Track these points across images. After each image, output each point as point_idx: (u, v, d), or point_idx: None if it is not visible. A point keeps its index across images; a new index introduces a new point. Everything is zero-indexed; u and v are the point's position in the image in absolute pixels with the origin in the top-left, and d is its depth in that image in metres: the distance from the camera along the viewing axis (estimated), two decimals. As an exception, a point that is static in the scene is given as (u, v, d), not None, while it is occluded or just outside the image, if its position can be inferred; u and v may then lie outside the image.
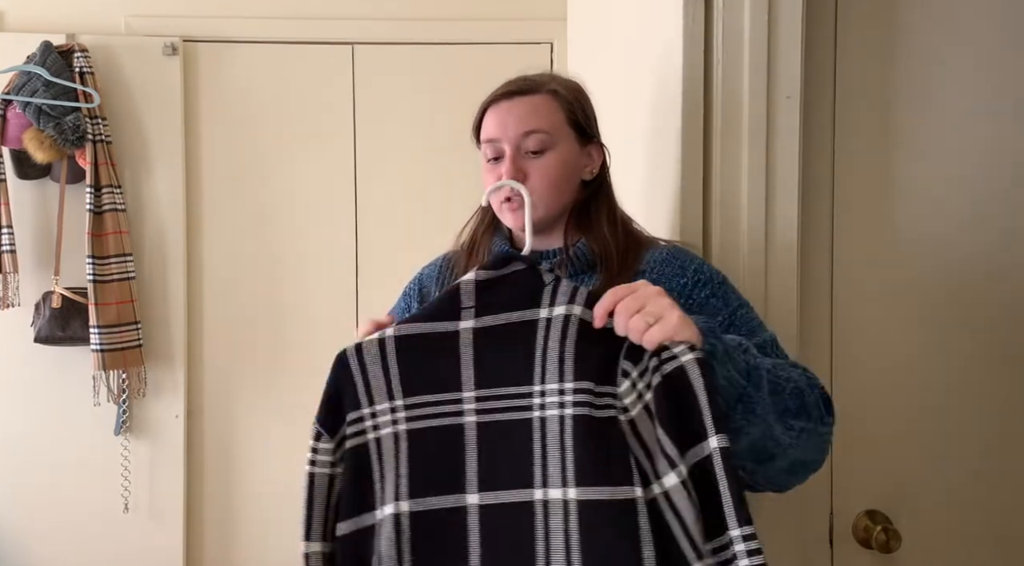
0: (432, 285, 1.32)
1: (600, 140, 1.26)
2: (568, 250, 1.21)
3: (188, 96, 2.70)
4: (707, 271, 1.18)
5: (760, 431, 0.97)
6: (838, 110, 1.38)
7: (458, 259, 1.31)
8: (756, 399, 0.95)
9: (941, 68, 1.39)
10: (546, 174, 1.19)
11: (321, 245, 2.77)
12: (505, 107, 1.21)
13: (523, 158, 1.20)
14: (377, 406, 1.01)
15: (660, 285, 1.00)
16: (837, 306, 1.39)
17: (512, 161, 1.19)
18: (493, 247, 1.26)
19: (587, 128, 1.24)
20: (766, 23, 1.29)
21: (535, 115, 1.19)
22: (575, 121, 1.22)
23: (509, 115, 1.20)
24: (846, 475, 1.39)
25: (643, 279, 1.10)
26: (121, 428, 2.64)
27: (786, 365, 1.05)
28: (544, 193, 1.19)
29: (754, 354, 0.98)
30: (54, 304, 2.53)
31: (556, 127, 1.20)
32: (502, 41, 2.72)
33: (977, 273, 1.40)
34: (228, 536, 2.76)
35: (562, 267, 1.20)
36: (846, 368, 1.39)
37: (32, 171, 2.57)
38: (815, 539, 1.38)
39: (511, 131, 1.19)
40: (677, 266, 1.18)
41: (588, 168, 1.24)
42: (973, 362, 1.40)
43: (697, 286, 1.16)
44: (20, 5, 2.63)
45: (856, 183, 1.38)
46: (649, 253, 1.21)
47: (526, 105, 1.20)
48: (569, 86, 1.25)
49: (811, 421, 1.01)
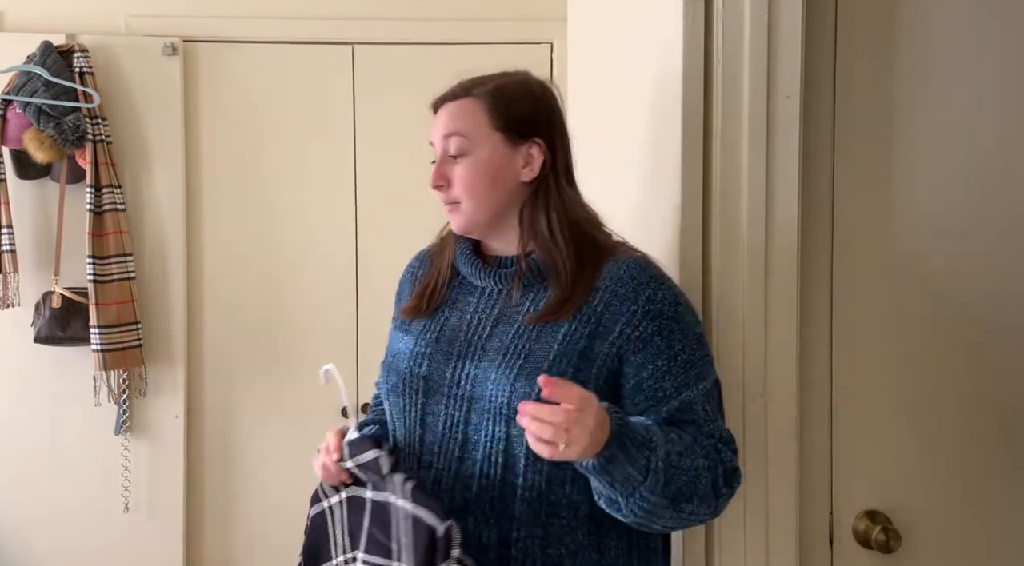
0: (408, 284, 1.36)
1: (542, 138, 1.22)
2: (522, 262, 1.21)
3: (188, 96, 2.70)
4: (660, 301, 1.15)
5: (649, 516, 1.06)
6: (838, 110, 1.38)
7: (434, 253, 1.34)
8: (646, 493, 1.03)
9: (941, 68, 1.39)
10: (463, 179, 1.21)
11: (321, 245, 2.76)
12: (438, 113, 1.25)
13: (447, 163, 1.22)
14: None
15: (612, 307, 1.15)
16: (837, 306, 1.39)
17: (437, 166, 1.23)
18: (457, 247, 1.28)
19: (520, 127, 1.21)
20: (766, 23, 1.29)
21: (453, 119, 1.22)
22: (503, 122, 1.21)
23: (437, 120, 1.24)
24: (846, 475, 1.39)
25: (599, 295, 1.15)
26: (121, 428, 2.64)
27: (692, 445, 1.09)
28: (464, 198, 1.21)
29: (659, 450, 1.04)
30: (54, 304, 2.53)
31: (475, 130, 1.21)
32: (502, 41, 2.72)
33: (979, 271, 1.40)
34: (228, 536, 2.76)
35: (515, 278, 1.21)
36: (846, 368, 1.39)
37: (32, 171, 2.57)
38: (815, 539, 1.38)
39: (436, 136, 1.24)
40: (631, 288, 1.15)
41: (527, 168, 1.22)
42: (974, 362, 1.40)
43: (646, 318, 1.14)
44: (20, 5, 2.63)
45: (856, 183, 1.38)
46: (609, 265, 1.18)
47: (449, 110, 1.23)
48: (500, 87, 1.23)
49: (703, 503, 1.09)
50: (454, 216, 1.23)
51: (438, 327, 1.24)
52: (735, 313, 1.32)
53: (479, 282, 1.25)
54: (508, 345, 1.17)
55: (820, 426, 1.38)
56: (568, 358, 1.13)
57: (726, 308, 1.32)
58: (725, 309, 1.32)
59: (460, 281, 1.27)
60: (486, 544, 1.14)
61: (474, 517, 1.14)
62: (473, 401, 1.16)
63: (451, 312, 1.25)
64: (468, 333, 1.21)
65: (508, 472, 1.14)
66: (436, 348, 1.22)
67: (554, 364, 1.13)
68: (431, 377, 1.21)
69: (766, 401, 1.31)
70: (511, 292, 1.21)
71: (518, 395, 1.12)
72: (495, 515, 1.14)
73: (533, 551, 1.13)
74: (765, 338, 1.31)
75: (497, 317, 1.20)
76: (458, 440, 1.17)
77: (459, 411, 1.17)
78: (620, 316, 1.14)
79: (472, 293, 1.25)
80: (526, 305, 1.19)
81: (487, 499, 1.14)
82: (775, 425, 1.32)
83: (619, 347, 1.14)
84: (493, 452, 1.14)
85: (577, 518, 1.15)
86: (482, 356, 1.18)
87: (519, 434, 1.08)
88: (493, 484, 1.14)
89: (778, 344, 1.32)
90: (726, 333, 1.32)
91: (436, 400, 1.20)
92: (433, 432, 1.19)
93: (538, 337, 1.16)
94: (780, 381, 1.32)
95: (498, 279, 1.23)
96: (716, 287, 1.33)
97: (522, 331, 1.17)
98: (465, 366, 1.18)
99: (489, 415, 1.14)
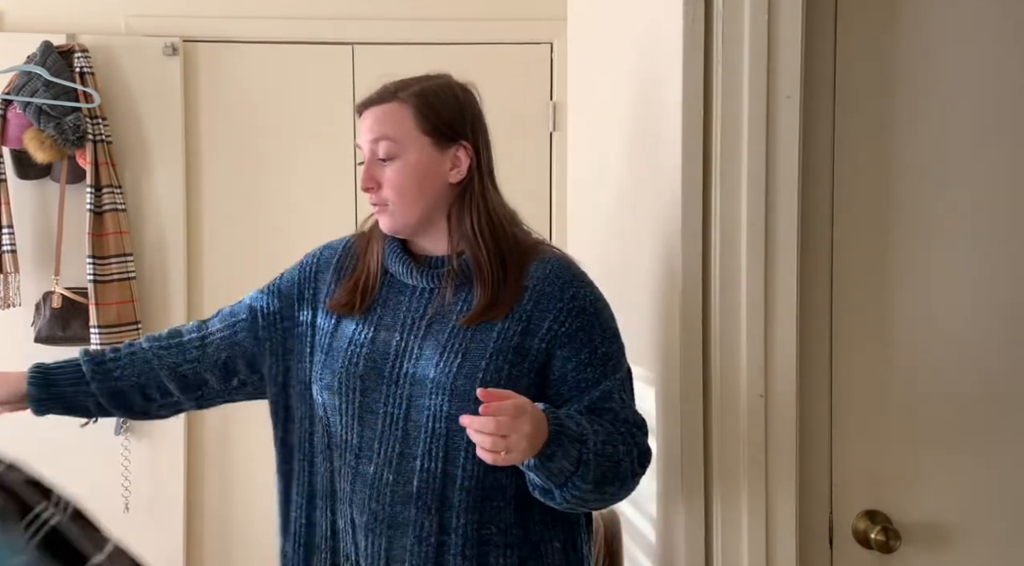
0: (328, 269, 1.36)
1: (468, 141, 1.25)
2: (454, 261, 1.24)
3: (188, 96, 2.70)
4: (581, 299, 1.23)
5: (579, 501, 1.15)
6: (838, 110, 1.38)
7: (359, 246, 1.36)
8: (578, 482, 1.12)
9: (941, 67, 1.39)
10: (392, 182, 1.24)
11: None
12: (364, 117, 1.27)
13: (376, 165, 1.25)
14: None
15: (540, 306, 1.21)
16: (837, 306, 1.39)
17: (366, 168, 1.25)
18: (386, 245, 1.30)
19: (447, 130, 1.24)
20: (766, 23, 1.29)
21: (381, 123, 1.24)
22: (431, 126, 1.24)
23: (363, 123, 1.27)
24: (846, 475, 1.39)
25: (528, 295, 1.21)
26: (121, 428, 2.64)
27: (613, 433, 1.17)
28: (394, 200, 1.24)
29: (589, 442, 1.12)
30: (54, 304, 2.53)
31: (403, 134, 1.23)
32: (502, 41, 2.72)
33: (979, 271, 1.40)
34: (228, 536, 2.76)
35: (448, 278, 1.24)
36: (846, 368, 1.39)
37: (32, 171, 2.57)
38: (815, 539, 1.39)
39: (364, 139, 1.26)
40: (557, 287, 1.23)
41: (454, 170, 1.25)
42: (974, 362, 1.40)
43: (570, 315, 1.22)
44: (20, 5, 2.63)
45: (856, 182, 1.38)
46: (535, 265, 1.24)
47: (376, 114, 1.25)
48: (426, 90, 1.26)
49: (624, 486, 1.19)
50: (383, 217, 1.26)
51: (372, 326, 1.26)
52: (735, 313, 1.32)
53: (410, 281, 1.27)
54: (445, 344, 1.21)
55: (820, 426, 1.38)
56: (504, 355, 1.20)
57: (726, 308, 1.32)
58: (725, 309, 1.32)
59: (390, 279, 1.29)
60: (427, 531, 1.20)
61: (416, 507, 1.20)
62: (412, 399, 1.21)
63: (383, 311, 1.27)
64: (403, 333, 1.24)
65: (449, 464, 1.19)
66: (372, 348, 1.25)
67: (491, 361, 1.19)
68: (368, 376, 1.24)
69: (766, 401, 1.31)
70: (443, 292, 1.24)
71: (459, 392, 1.18)
72: (436, 504, 1.20)
73: (470, 534, 1.20)
74: (765, 338, 1.31)
75: (431, 317, 1.24)
76: (398, 436, 1.21)
77: (398, 409, 1.22)
78: (548, 313, 1.21)
79: (403, 292, 1.28)
80: (459, 305, 1.23)
81: (428, 490, 1.20)
82: (775, 425, 1.32)
83: (548, 343, 1.21)
84: (434, 447, 1.19)
85: (505, 498, 1.22)
86: (419, 355, 1.22)
87: (460, 429, 1.11)
88: (434, 476, 1.19)
89: (778, 344, 1.32)
90: (726, 333, 1.32)
91: (374, 398, 1.23)
92: (372, 429, 1.23)
93: (473, 336, 1.21)
94: (780, 381, 1.32)
95: (430, 278, 1.26)
96: (716, 287, 1.33)
97: (457, 331, 1.22)
98: (403, 365, 1.22)
99: (430, 412, 1.20)
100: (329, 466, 1.28)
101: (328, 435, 1.28)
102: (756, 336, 1.31)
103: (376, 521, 1.21)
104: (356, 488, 1.23)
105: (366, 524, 1.22)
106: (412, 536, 1.20)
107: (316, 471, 1.31)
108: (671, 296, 1.39)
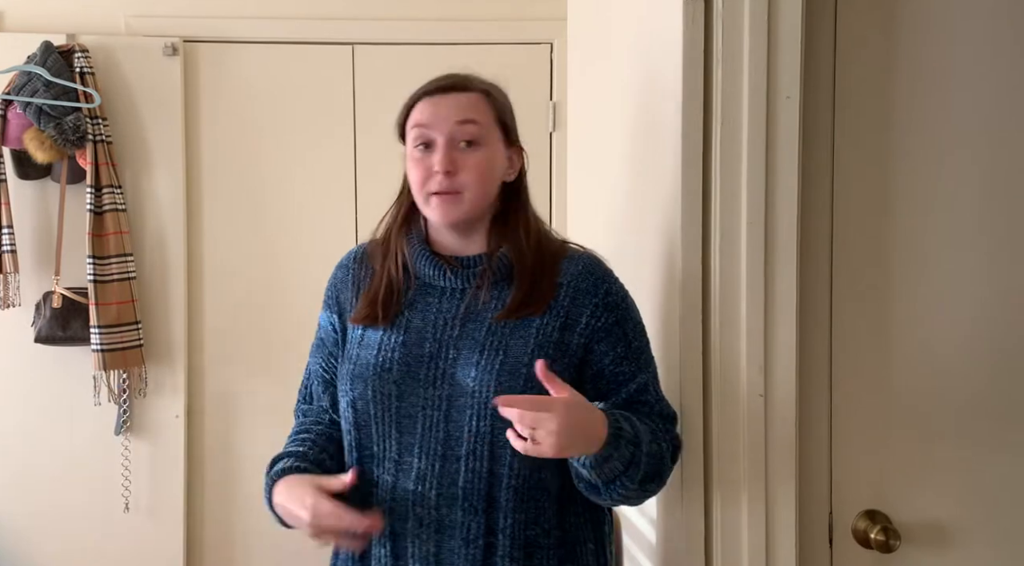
0: (346, 288, 1.32)
1: (520, 145, 1.29)
2: (492, 258, 1.24)
3: (188, 96, 2.70)
4: (615, 294, 1.25)
5: (623, 499, 1.18)
6: (838, 110, 1.38)
7: (372, 253, 1.31)
8: (626, 481, 1.14)
9: (941, 67, 1.39)
10: (475, 167, 1.21)
11: (321, 245, 2.76)
12: (439, 100, 1.23)
13: (456, 150, 1.21)
14: None
15: (577, 301, 1.22)
16: (837, 306, 1.39)
17: (446, 152, 1.20)
18: (411, 249, 1.27)
19: (510, 130, 1.27)
20: (766, 23, 1.29)
21: (468, 109, 1.22)
22: (503, 122, 1.25)
23: (443, 106, 1.22)
24: (846, 475, 1.39)
25: (563, 291, 1.22)
26: (121, 428, 2.64)
27: (656, 431, 1.20)
28: (474, 188, 1.21)
29: (642, 445, 1.15)
30: (54, 304, 2.53)
31: (488, 124, 1.23)
32: (502, 41, 2.73)
33: (979, 271, 1.40)
34: (228, 536, 2.76)
35: (484, 276, 1.23)
36: (845, 368, 1.39)
37: (32, 171, 2.57)
38: (815, 539, 1.39)
39: (445, 120, 1.21)
40: (591, 282, 1.24)
41: (510, 171, 1.27)
42: (974, 361, 1.40)
43: (606, 310, 1.24)
44: (20, 5, 2.63)
45: (856, 182, 1.38)
46: (565, 263, 1.26)
47: (461, 99, 1.23)
48: (498, 89, 1.28)
49: (662, 482, 1.22)
50: (448, 205, 1.21)
51: (401, 330, 1.24)
52: (735, 313, 1.32)
53: (442, 283, 1.25)
54: (483, 341, 1.20)
55: (820, 426, 1.38)
56: (545, 350, 1.19)
57: (726, 308, 1.32)
58: (725, 309, 1.32)
59: (416, 283, 1.26)
60: (475, 533, 1.18)
61: (462, 510, 1.18)
62: (452, 400, 1.19)
63: (411, 314, 1.25)
64: (437, 333, 1.22)
65: (495, 463, 1.18)
66: (405, 352, 1.22)
67: (533, 356, 1.17)
68: (403, 381, 1.22)
69: (766, 401, 1.31)
70: (477, 291, 1.23)
71: (503, 388, 1.17)
72: (483, 505, 1.19)
73: (517, 535, 1.19)
74: (765, 338, 1.31)
75: (464, 316, 1.22)
76: (439, 438, 1.20)
77: (438, 411, 1.20)
78: (585, 308, 1.23)
79: (431, 294, 1.26)
80: (493, 303, 1.23)
81: (474, 490, 1.18)
82: (775, 425, 1.32)
83: (586, 338, 1.23)
84: (479, 447, 1.18)
85: (550, 499, 1.22)
86: (456, 356, 1.21)
87: (504, 426, 1.11)
88: (480, 476, 1.18)
89: (778, 344, 1.32)
90: (726, 333, 1.32)
91: (412, 403, 1.21)
92: (411, 433, 1.21)
93: (512, 332, 1.20)
94: (780, 381, 1.32)
95: (464, 278, 1.25)
96: (716, 287, 1.33)
97: (495, 328, 1.21)
98: (440, 366, 1.21)
99: (472, 411, 1.18)
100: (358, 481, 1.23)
101: (358, 449, 1.25)
102: (756, 336, 1.31)
103: (421, 526, 1.19)
104: (397, 496, 1.21)
105: (411, 530, 1.20)
106: (460, 538, 1.18)
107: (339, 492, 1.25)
108: (671, 296, 1.39)
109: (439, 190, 1.21)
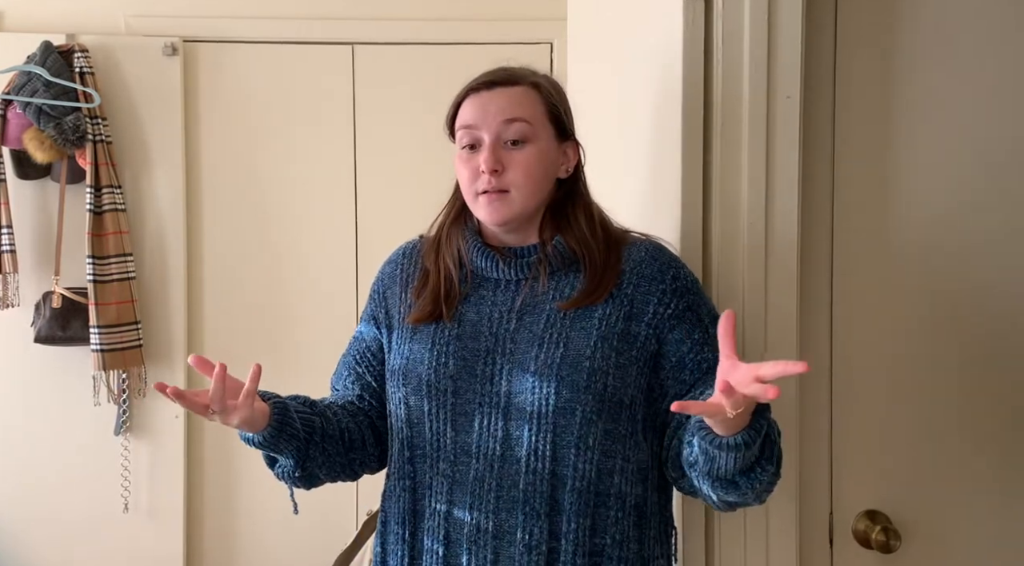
0: (394, 284, 1.29)
1: (576, 139, 1.24)
2: (546, 247, 1.19)
3: (188, 96, 2.70)
4: (683, 278, 1.20)
5: (763, 492, 1.09)
6: (838, 110, 1.38)
7: (426, 251, 1.28)
8: (766, 464, 1.07)
9: (941, 67, 1.39)
10: (526, 166, 1.16)
11: (321, 244, 2.77)
12: (486, 96, 1.18)
13: (503, 149, 1.17)
14: None
15: (642, 289, 1.17)
16: (837, 306, 1.39)
17: (492, 151, 1.16)
18: (465, 242, 1.23)
19: (566, 125, 1.22)
20: (766, 23, 1.29)
21: (517, 105, 1.17)
22: (555, 116, 1.20)
23: (490, 103, 1.18)
24: (846, 475, 1.39)
25: (626, 279, 1.17)
26: (121, 428, 2.64)
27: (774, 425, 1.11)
28: (522, 186, 1.17)
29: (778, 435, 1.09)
30: (54, 304, 2.53)
31: (537, 119, 1.18)
32: (502, 41, 2.72)
33: (979, 270, 1.40)
34: (228, 536, 2.76)
35: (541, 265, 1.19)
36: (846, 368, 1.39)
37: (32, 171, 2.57)
38: (815, 539, 1.39)
39: (491, 119, 1.17)
40: (656, 268, 1.19)
41: (564, 166, 1.22)
42: (974, 361, 1.40)
43: (675, 296, 1.18)
44: (20, 5, 2.63)
45: (856, 183, 1.38)
46: (627, 250, 1.21)
47: (508, 95, 1.18)
48: (550, 81, 1.23)
49: (778, 474, 1.11)
50: (496, 205, 1.17)
51: (455, 325, 1.19)
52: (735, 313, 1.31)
53: (497, 274, 1.21)
54: (542, 334, 1.15)
55: (820, 426, 1.38)
56: (609, 342, 1.14)
57: (726, 308, 1.32)
58: (725, 309, 1.32)
59: (470, 276, 1.23)
60: (537, 539, 1.12)
61: (523, 513, 1.13)
62: (511, 396, 1.14)
63: (465, 308, 1.20)
64: (492, 327, 1.18)
65: (557, 464, 1.12)
66: (460, 345, 1.18)
67: (596, 348, 1.13)
68: (459, 376, 1.17)
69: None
70: (533, 282, 1.19)
71: (565, 383, 1.11)
72: (545, 508, 1.12)
73: (582, 541, 1.12)
74: (765, 337, 1.31)
75: (521, 308, 1.18)
76: (498, 437, 1.14)
77: (496, 408, 1.15)
78: (651, 296, 1.17)
79: (485, 287, 1.21)
80: (551, 293, 1.18)
81: (536, 493, 1.12)
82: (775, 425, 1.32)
83: (656, 327, 1.16)
84: (540, 446, 1.12)
85: (624, 509, 1.15)
86: (513, 349, 1.16)
87: (567, 424, 1.08)
88: (542, 478, 1.12)
89: (778, 343, 1.32)
90: (726, 333, 1.32)
91: (468, 399, 1.16)
92: (467, 432, 1.16)
93: (572, 323, 1.15)
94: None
95: (519, 269, 1.20)
96: (716, 286, 1.33)
97: (554, 319, 1.16)
98: (496, 361, 1.16)
99: (533, 408, 1.13)
100: (409, 484, 1.20)
101: (410, 448, 1.20)
102: (756, 335, 1.31)
103: (479, 531, 1.13)
104: (455, 498, 1.15)
105: (467, 535, 1.14)
106: (520, 545, 1.12)
107: (389, 497, 1.23)
108: (671, 296, 1.39)
109: (487, 189, 1.17)
